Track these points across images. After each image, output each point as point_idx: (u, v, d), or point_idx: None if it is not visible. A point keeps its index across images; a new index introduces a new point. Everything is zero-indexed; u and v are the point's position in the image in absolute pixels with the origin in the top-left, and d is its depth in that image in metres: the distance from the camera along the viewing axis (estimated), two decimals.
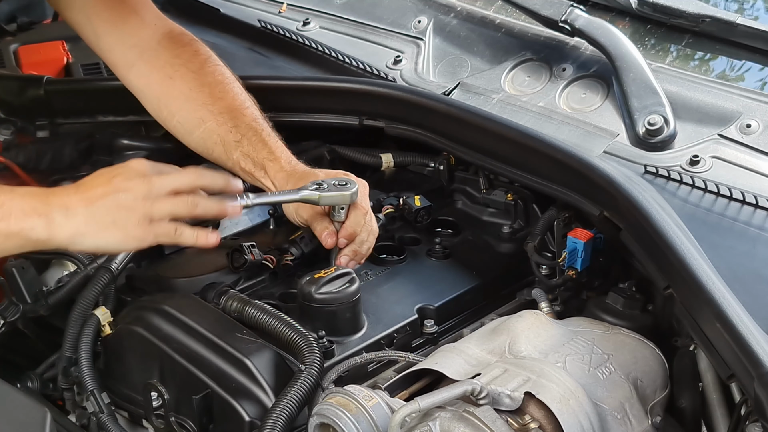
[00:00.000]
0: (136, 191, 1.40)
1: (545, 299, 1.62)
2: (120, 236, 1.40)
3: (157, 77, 1.78)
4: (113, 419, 1.56)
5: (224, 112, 1.74)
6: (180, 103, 1.76)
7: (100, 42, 1.81)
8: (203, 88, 1.76)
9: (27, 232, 1.38)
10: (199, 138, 1.75)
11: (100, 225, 1.39)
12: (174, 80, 1.77)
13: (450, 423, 1.22)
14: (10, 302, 1.72)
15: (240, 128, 1.72)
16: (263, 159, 1.69)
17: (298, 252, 1.69)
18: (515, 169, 1.71)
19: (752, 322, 1.24)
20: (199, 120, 1.74)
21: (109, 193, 1.39)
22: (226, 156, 1.72)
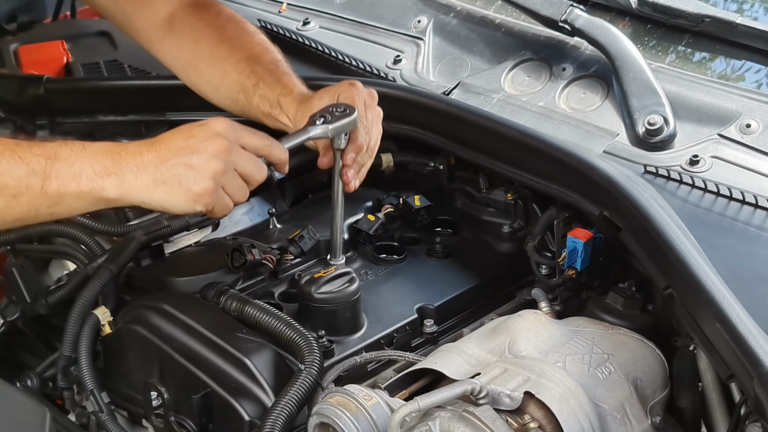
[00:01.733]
0: (208, 151, 1.38)
1: (545, 299, 1.62)
2: (184, 197, 1.38)
3: (184, 44, 1.80)
4: (113, 418, 1.56)
5: (243, 61, 1.74)
6: (206, 62, 1.78)
7: (132, 23, 1.83)
8: (224, 43, 1.77)
9: (98, 192, 1.37)
10: (225, 92, 1.76)
11: (167, 184, 1.37)
12: (199, 42, 1.78)
13: (450, 423, 1.22)
14: (9, 301, 1.73)
15: (257, 72, 1.72)
16: (278, 96, 1.68)
17: (298, 251, 1.69)
18: (515, 168, 1.72)
19: (752, 322, 1.24)
20: (223, 73, 1.75)
21: (182, 150, 1.38)
22: (248, 103, 1.72)
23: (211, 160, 1.37)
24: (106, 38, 2.38)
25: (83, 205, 1.39)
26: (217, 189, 1.39)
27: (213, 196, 1.39)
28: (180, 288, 1.63)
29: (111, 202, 1.39)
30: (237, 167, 1.40)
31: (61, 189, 1.35)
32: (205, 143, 1.38)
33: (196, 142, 1.38)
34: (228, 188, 1.41)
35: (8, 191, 1.34)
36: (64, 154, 1.36)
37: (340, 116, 1.52)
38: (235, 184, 1.41)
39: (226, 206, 1.42)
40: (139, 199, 1.38)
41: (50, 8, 2.63)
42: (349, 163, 1.58)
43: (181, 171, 1.37)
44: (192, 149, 1.38)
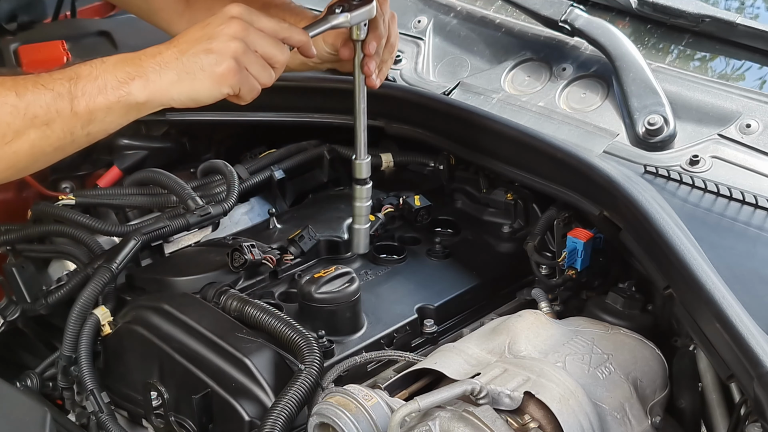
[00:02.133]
0: (225, 33, 1.38)
1: (545, 299, 1.63)
2: (209, 82, 1.37)
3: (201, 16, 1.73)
4: (113, 418, 1.56)
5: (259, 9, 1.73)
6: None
7: (150, 5, 1.84)
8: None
9: (126, 99, 1.36)
10: None
11: (191, 73, 1.37)
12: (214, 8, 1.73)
13: (450, 423, 1.22)
14: (9, 301, 1.73)
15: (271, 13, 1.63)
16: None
17: (298, 251, 1.69)
18: (515, 168, 1.72)
19: (752, 322, 1.24)
20: None
21: (200, 39, 1.38)
22: None
23: (229, 40, 1.37)
24: (106, 38, 2.38)
25: (115, 118, 1.38)
26: (240, 69, 1.38)
27: (237, 75, 1.38)
28: (180, 288, 1.63)
29: (141, 106, 1.38)
30: (257, 47, 1.39)
31: (90, 105, 1.35)
32: (221, 27, 1.38)
33: (212, 28, 1.38)
34: (251, 68, 1.39)
35: (39, 120, 1.34)
36: (85, 72, 1.37)
37: (359, 4, 1.49)
38: (258, 65, 1.40)
39: (253, 87, 1.41)
40: (167, 97, 1.38)
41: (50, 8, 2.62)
42: (371, 52, 1.56)
43: (201, 57, 1.36)
44: (209, 36, 1.38)
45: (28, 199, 2.13)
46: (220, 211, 1.78)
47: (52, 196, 1.99)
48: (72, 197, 1.80)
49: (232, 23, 1.39)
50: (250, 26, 1.39)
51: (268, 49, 1.40)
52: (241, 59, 1.37)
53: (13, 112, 1.33)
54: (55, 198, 1.84)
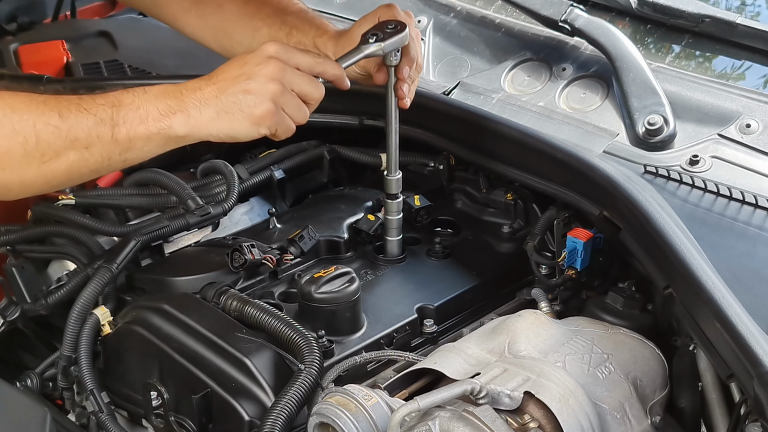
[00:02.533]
0: (263, 74, 1.41)
1: (545, 299, 1.62)
2: (247, 123, 1.41)
3: (209, 10, 1.81)
4: (113, 418, 1.56)
5: (272, 15, 1.76)
6: (233, 23, 1.79)
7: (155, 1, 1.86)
8: (250, 2, 1.79)
9: (166, 131, 1.40)
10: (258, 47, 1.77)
11: (229, 113, 1.40)
12: (223, 7, 1.80)
13: (449, 422, 1.22)
14: (9, 301, 1.72)
15: (288, 22, 1.74)
16: (313, 38, 1.70)
17: (298, 251, 1.69)
18: (515, 168, 1.72)
19: (752, 321, 1.24)
20: (253, 30, 1.77)
21: (238, 79, 1.41)
22: None
23: (267, 82, 1.40)
24: (106, 38, 2.38)
25: (153, 147, 1.42)
26: (277, 110, 1.41)
27: (274, 117, 1.41)
28: (180, 288, 1.63)
29: (180, 139, 1.42)
30: (293, 87, 1.43)
31: (131, 133, 1.38)
32: (259, 67, 1.41)
33: (251, 68, 1.41)
34: (288, 109, 1.43)
35: (80, 143, 1.37)
36: (128, 100, 1.40)
37: (392, 33, 1.53)
38: (294, 104, 1.43)
39: (289, 127, 1.45)
40: (206, 132, 1.41)
41: (50, 8, 2.63)
42: (404, 77, 1.60)
43: (240, 98, 1.40)
44: (247, 75, 1.41)
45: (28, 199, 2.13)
46: (219, 211, 1.78)
47: (52, 196, 1.98)
48: (72, 197, 1.80)
49: (270, 63, 1.41)
50: (287, 65, 1.42)
51: (304, 88, 1.44)
52: (279, 100, 1.41)
53: (56, 132, 1.36)
54: (55, 198, 1.83)
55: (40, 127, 1.36)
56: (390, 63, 1.57)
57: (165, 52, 2.24)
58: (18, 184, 1.40)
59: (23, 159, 1.37)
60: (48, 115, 1.37)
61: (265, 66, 1.41)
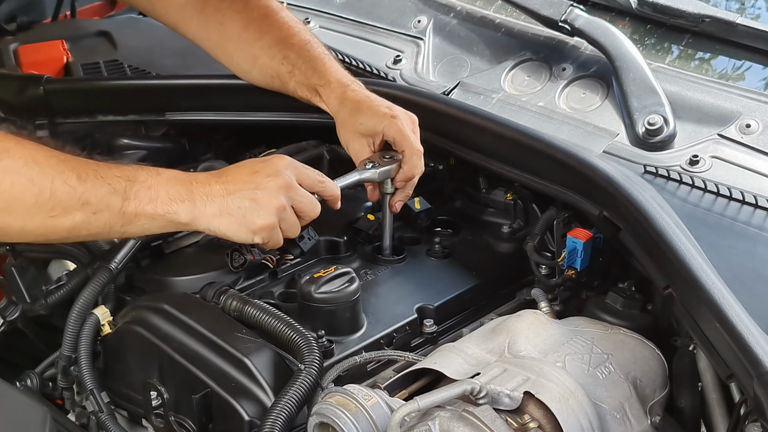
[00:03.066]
0: (271, 187, 1.47)
1: (545, 299, 1.62)
2: (245, 229, 1.47)
3: (211, 25, 1.85)
4: (113, 418, 1.56)
5: (273, 45, 1.80)
6: (234, 45, 1.84)
7: (157, 7, 1.89)
8: (251, 26, 1.83)
9: (171, 216, 1.45)
10: (258, 74, 1.84)
11: (232, 215, 1.46)
12: (225, 25, 1.84)
13: (449, 422, 1.22)
14: (9, 301, 1.72)
15: (290, 59, 1.79)
16: (315, 84, 1.76)
17: (298, 251, 1.69)
18: (515, 168, 1.71)
19: (752, 321, 1.24)
20: (253, 57, 1.82)
21: (247, 185, 1.47)
22: (284, 87, 1.82)
23: (274, 196, 1.47)
24: (106, 38, 2.38)
25: (153, 227, 1.47)
26: (276, 224, 1.48)
27: (273, 230, 1.48)
28: (180, 288, 1.63)
29: (180, 225, 1.48)
30: (294, 204, 1.50)
31: (138, 210, 1.44)
32: (269, 179, 1.47)
33: (261, 178, 1.47)
34: (284, 224, 1.50)
35: (90, 208, 1.42)
36: (141, 178, 1.45)
37: (387, 162, 1.67)
38: (291, 220, 1.51)
39: (279, 242, 1.51)
40: (205, 226, 1.47)
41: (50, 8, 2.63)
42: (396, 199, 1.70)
43: (246, 204, 1.46)
44: (257, 184, 1.47)
45: None
46: None
47: None
48: None
49: (279, 178, 1.48)
50: (293, 182, 1.49)
51: (304, 207, 1.51)
52: (281, 215, 1.48)
53: (71, 192, 1.41)
54: None
55: (57, 184, 1.40)
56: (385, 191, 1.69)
57: (165, 52, 2.24)
58: (18, 230, 1.43)
59: (32, 209, 1.41)
60: (67, 174, 1.41)
61: (275, 180, 1.47)
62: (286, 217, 1.49)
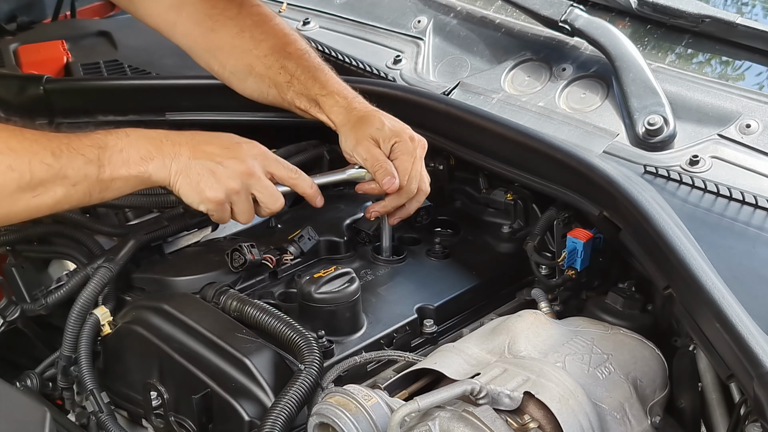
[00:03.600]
0: (232, 169, 1.52)
1: (545, 299, 1.62)
2: (195, 194, 1.52)
3: (200, 32, 1.83)
4: (113, 418, 1.56)
5: (269, 54, 1.78)
6: (227, 53, 1.81)
7: (139, 9, 1.87)
8: (244, 34, 1.80)
9: (143, 175, 1.50)
10: (253, 84, 1.82)
11: (188, 177, 1.51)
12: (216, 32, 1.81)
13: (449, 423, 1.22)
14: (9, 301, 1.72)
15: (288, 68, 1.77)
16: (316, 95, 1.74)
17: (298, 252, 1.69)
18: (515, 169, 1.71)
19: (752, 322, 1.24)
20: (248, 67, 1.80)
21: (213, 157, 1.52)
22: (281, 98, 1.79)
23: (231, 177, 1.52)
24: (106, 38, 2.38)
25: (128, 187, 1.52)
26: (225, 202, 1.53)
27: (219, 206, 1.53)
28: (180, 288, 1.63)
29: (151, 182, 1.52)
30: (253, 191, 1.54)
31: (114, 174, 1.48)
32: (234, 161, 1.52)
33: (228, 157, 1.53)
34: (235, 207, 1.55)
35: (69, 181, 1.46)
36: (111, 143, 1.49)
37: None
38: (244, 207, 1.55)
39: (224, 218, 1.56)
40: (166, 181, 1.52)
41: (50, 8, 2.63)
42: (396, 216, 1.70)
43: (203, 174, 1.51)
44: (221, 160, 1.52)
45: None
46: None
47: None
48: None
49: (243, 163, 1.53)
50: (258, 172, 1.54)
51: (263, 198, 1.56)
52: (232, 197, 1.53)
53: (49, 170, 1.44)
54: None
55: (35, 165, 1.43)
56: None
57: (165, 52, 2.23)
58: (4, 215, 1.47)
59: (15, 194, 1.43)
60: (42, 154, 1.44)
61: (239, 164, 1.52)
62: (237, 201, 1.53)
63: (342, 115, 1.71)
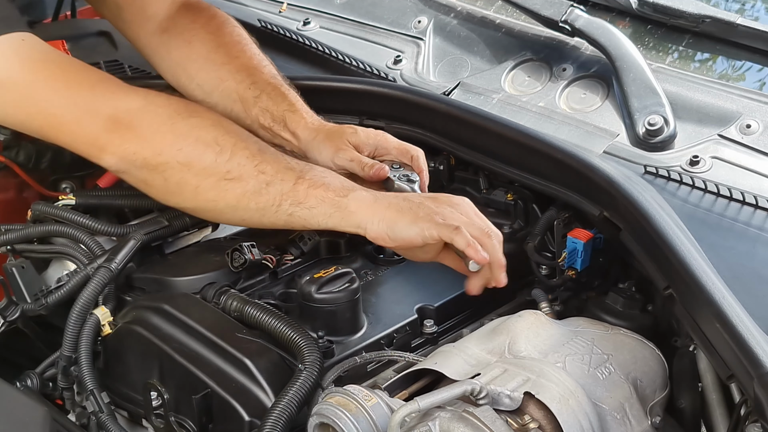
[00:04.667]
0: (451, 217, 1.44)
1: (545, 299, 1.62)
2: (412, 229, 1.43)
3: (176, 43, 1.82)
4: (113, 419, 1.56)
5: (242, 70, 1.77)
6: (199, 65, 1.80)
7: (122, 13, 1.84)
8: (221, 49, 1.80)
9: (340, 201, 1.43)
10: (219, 97, 1.78)
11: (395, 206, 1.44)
12: (192, 44, 1.80)
13: (449, 423, 1.22)
14: (9, 301, 1.72)
15: (258, 84, 1.75)
16: (283, 111, 1.72)
17: (298, 252, 1.69)
18: (515, 169, 1.71)
19: (752, 322, 1.24)
20: (218, 79, 1.78)
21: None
22: (245, 113, 1.75)
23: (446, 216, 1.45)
24: (106, 38, 2.38)
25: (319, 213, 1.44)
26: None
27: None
28: (180, 288, 1.63)
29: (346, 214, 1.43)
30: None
31: (310, 188, 1.44)
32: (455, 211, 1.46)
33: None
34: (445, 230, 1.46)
35: (264, 178, 1.45)
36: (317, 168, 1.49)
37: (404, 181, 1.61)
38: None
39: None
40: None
41: (50, 8, 2.63)
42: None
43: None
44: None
45: (28, 199, 2.13)
46: None
47: (52, 196, 1.99)
48: (72, 197, 1.80)
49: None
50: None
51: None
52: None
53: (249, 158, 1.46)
54: (55, 198, 1.83)
55: (239, 148, 1.46)
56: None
57: None
58: (193, 189, 1.48)
59: (209, 167, 1.45)
60: (248, 143, 1.48)
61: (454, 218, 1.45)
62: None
63: (311, 129, 1.69)
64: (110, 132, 1.49)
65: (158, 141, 1.48)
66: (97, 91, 1.52)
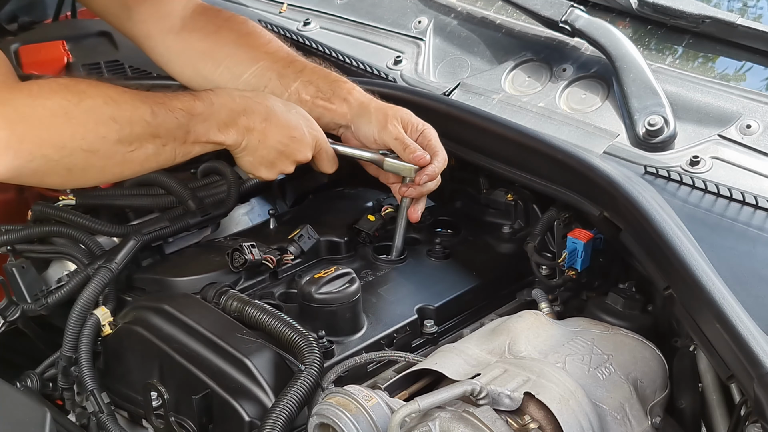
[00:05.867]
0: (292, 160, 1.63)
1: (545, 299, 1.63)
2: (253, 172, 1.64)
3: (199, 36, 1.84)
4: (113, 419, 1.56)
5: (278, 50, 1.82)
6: (228, 50, 1.82)
7: (133, 14, 1.84)
8: (250, 36, 1.84)
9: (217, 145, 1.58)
10: (251, 77, 1.81)
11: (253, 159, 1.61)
12: (220, 33, 1.84)
13: (450, 423, 1.22)
14: (10, 302, 1.72)
15: (298, 62, 1.80)
16: (332, 82, 1.76)
17: (298, 252, 1.69)
18: (515, 169, 1.72)
19: (752, 322, 1.24)
20: (251, 60, 1.81)
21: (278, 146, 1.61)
22: (281, 89, 1.78)
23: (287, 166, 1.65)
24: (106, 38, 2.38)
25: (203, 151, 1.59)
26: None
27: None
28: (180, 288, 1.63)
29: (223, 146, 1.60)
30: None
31: (195, 141, 1.55)
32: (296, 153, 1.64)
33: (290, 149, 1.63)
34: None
35: (160, 141, 1.51)
36: (198, 110, 1.55)
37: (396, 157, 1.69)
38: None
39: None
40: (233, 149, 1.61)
41: (51, 8, 2.63)
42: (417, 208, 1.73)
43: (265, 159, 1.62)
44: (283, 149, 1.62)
45: (28, 199, 2.13)
46: (220, 212, 1.78)
47: (52, 196, 1.99)
48: (72, 197, 1.80)
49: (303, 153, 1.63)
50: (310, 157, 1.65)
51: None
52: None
53: (146, 127, 1.49)
54: (55, 198, 1.83)
55: (135, 119, 1.48)
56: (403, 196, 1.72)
57: None
58: (99, 169, 1.50)
59: (114, 146, 1.47)
60: (142, 109, 1.49)
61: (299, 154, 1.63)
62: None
63: (361, 99, 1.73)
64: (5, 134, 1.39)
65: (57, 135, 1.43)
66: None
